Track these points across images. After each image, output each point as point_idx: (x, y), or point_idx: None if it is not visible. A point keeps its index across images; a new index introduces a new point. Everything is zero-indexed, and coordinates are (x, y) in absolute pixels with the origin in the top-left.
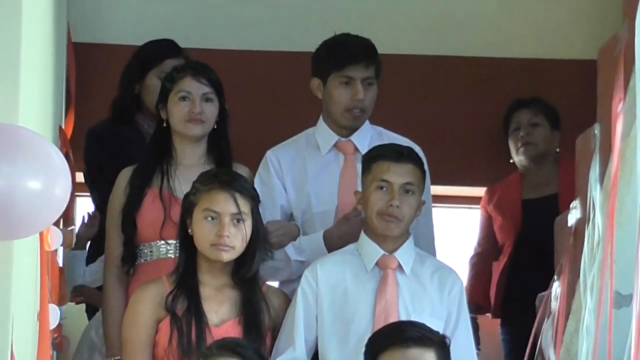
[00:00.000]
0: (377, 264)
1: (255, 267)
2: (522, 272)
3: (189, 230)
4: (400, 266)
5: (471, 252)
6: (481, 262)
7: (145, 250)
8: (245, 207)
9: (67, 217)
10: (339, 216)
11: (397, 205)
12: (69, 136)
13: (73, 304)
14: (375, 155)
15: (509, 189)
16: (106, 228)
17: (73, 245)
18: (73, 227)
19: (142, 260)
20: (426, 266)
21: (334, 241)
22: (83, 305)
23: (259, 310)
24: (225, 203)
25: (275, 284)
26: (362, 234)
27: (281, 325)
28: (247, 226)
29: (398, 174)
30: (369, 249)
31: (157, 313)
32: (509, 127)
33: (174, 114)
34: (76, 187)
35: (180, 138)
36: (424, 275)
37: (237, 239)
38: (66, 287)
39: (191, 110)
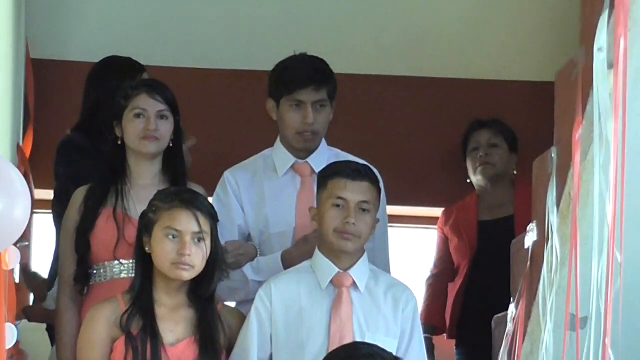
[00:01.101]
0: (331, 281)
1: (213, 287)
2: (477, 293)
3: (146, 248)
4: (354, 283)
5: (427, 273)
6: (437, 283)
7: (99, 270)
8: (205, 225)
9: (24, 233)
10: (297, 237)
11: (353, 222)
12: (27, 153)
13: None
14: (332, 173)
15: (465, 210)
16: (60, 248)
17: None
18: (27, 242)
19: (96, 280)
20: (380, 283)
21: (292, 261)
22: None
23: (215, 328)
24: (186, 221)
25: (232, 303)
26: (317, 251)
27: (232, 344)
28: (207, 245)
29: (354, 192)
30: (324, 266)
31: (112, 332)
32: (467, 147)
33: (129, 131)
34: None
35: (135, 155)
36: (378, 293)
37: (197, 257)
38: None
39: (146, 127)
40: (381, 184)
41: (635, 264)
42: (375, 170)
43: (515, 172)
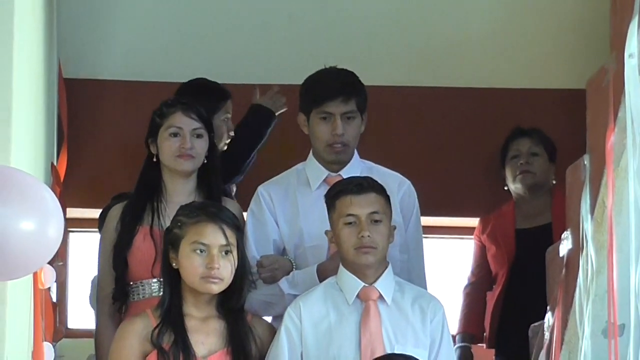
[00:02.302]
0: (358, 296)
1: (243, 298)
2: (516, 302)
3: (174, 264)
4: (381, 296)
5: (465, 282)
6: (475, 292)
7: (137, 288)
8: (232, 238)
9: (59, 253)
10: (331, 250)
11: (368, 235)
12: (62, 173)
13: (67, 340)
14: (337, 192)
15: (503, 219)
16: (98, 266)
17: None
18: (62, 262)
19: (134, 298)
20: (406, 295)
21: (328, 274)
22: (79, 340)
23: (247, 340)
24: (214, 235)
25: (268, 318)
26: (341, 268)
27: (263, 356)
28: (234, 257)
29: (362, 206)
30: (349, 282)
31: (144, 347)
32: (506, 155)
33: (165, 149)
34: (68, 223)
35: (171, 173)
36: (405, 305)
37: (226, 270)
38: (62, 324)
39: (182, 146)
40: (415, 200)
41: None
42: (410, 186)
43: (554, 182)
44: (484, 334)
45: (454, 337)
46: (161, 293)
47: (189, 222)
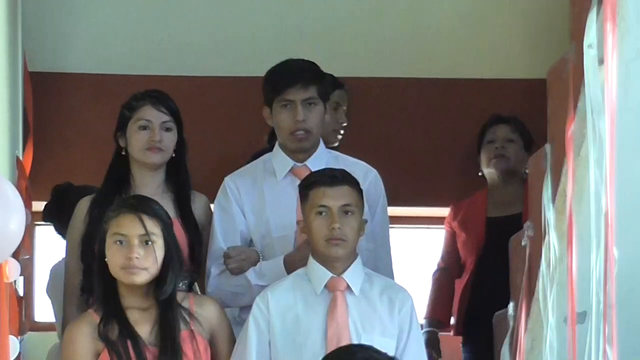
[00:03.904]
0: (326, 286)
1: (169, 289)
2: (483, 290)
3: (106, 259)
4: (349, 287)
5: (434, 267)
6: (443, 278)
7: None
8: (154, 228)
9: (25, 246)
10: (299, 240)
11: (338, 227)
12: (27, 166)
13: (33, 333)
14: (310, 183)
15: (474, 207)
16: (66, 258)
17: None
18: (28, 256)
19: None
20: (375, 286)
21: (295, 265)
22: (43, 334)
23: (175, 329)
24: (132, 225)
25: (236, 309)
26: (311, 258)
27: (219, 332)
28: (158, 247)
29: (334, 198)
30: (318, 272)
31: (94, 345)
32: (483, 140)
33: (133, 143)
34: (35, 217)
35: (139, 166)
36: (373, 295)
37: (147, 260)
38: (29, 317)
39: (151, 139)
40: (382, 189)
41: (633, 257)
42: (377, 176)
43: (527, 172)
44: (451, 321)
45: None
46: None
47: (112, 216)
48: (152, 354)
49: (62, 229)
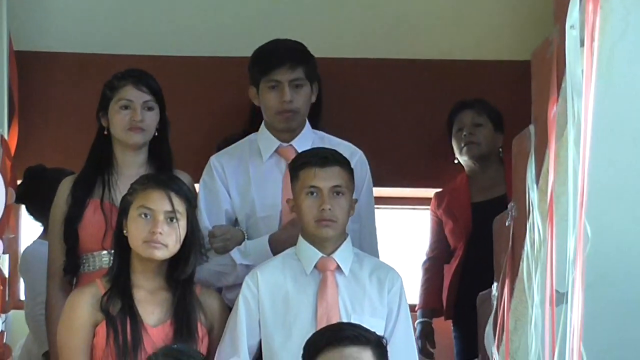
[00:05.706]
0: (316, 266)
1: (189, 269)
2: (473, 274)
3: (125, 231)
4: (339, 267)
5: (423, 257)
6: (433, 267)
7: (88, 260)
8: (180, 206)
9: (10, 225)
10: (284, 220)
11: (329, 208)
12: (13, 146)
13: (18, 311)
14: (301, 163)
15: (458, 193)
16: (49, 238)
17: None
18: (13, 235)
19: (84, 270)
20: (365, 266)
21: (280, 245)
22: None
23: (192, 312)
24: (159, 200)
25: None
26: (300, 238)
27: (217, 326)
28: (182, 226)
29: (325, 179)
30: (308, 252)
31: (94, 316)
32: (452, 128)
33: (115, 122)
34: None
35: (121, 146)
36: (363, 276)
37: (170, 237)
38: (14, 295)
39: (132, 119)
40: (368, 170)
41: (608, 235)
42: (362, 157)
43: (502, 152)
44: (444, 307)
45: (414, 310)
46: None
47: (139, 189)
48: (149, 335)
49: (34, 212)
